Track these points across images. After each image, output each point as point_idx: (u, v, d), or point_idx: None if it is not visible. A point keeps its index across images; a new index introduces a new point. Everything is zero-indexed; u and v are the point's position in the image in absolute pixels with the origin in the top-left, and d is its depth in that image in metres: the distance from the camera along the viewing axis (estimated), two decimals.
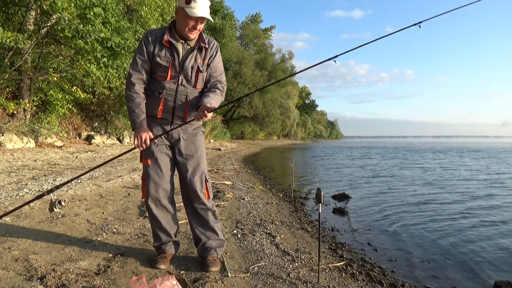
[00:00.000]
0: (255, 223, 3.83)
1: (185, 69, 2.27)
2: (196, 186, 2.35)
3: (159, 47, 2.25)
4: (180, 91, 2.29)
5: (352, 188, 7.96)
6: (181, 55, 2.27)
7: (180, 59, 2.26)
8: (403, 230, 4.46)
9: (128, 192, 5.10)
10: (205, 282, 2.18)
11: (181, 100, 2.30)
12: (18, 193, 4.53)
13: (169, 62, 2.25)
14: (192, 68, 2.29)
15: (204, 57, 2.33)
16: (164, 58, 2.25)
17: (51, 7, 8.61)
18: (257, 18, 45.92)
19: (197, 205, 2.39)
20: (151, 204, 2.36)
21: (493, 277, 2.97)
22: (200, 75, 2.32)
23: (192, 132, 2.40)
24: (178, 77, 2.27)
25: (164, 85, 2.27)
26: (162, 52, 2.25)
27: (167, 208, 2.40)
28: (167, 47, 2.25)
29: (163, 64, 2.25)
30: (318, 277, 2.41)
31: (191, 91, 2.32)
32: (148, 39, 2.26)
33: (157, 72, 2.27)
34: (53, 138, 11.82)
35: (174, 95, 2.28)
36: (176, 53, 2.26)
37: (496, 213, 5.53)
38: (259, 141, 45.40)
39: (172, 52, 2.26)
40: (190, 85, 2.31)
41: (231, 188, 6.20)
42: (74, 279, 2.15)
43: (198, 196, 2.37)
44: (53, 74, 10.88)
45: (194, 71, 2.29)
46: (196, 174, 2.36)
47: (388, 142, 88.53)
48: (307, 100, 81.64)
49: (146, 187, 2.34)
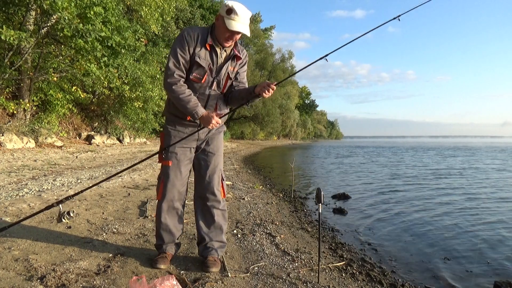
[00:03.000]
0: (255, 223, 3.83)
1: (220, 75, 2.28)
2: (214, 183, 2.38)
3: (200, 47, 2.19)
4: (212, 95, 2.30)
5: (352, 188, 7.96)
6: (219, 61, 2.26)
7: (218, 64, 2.26)
8: (403, 230, 4.46)
9: (128, 192, 5.10)
10: (205, 282, 2.18)
11: (212, 105, 2.32)
12: (18, 193, 4.53)
13: (208, 65, 2.23)
14: (225, 75, 2.30)
15: (235, 65, 2.34)
16: (204, 60, 2.21)
17: (51, 7, 8.60)
18: (257, 18, 45.91)
19: (211, 202, 2.40)
20: (164, 205, 2.36)
21: (493, 277, 2.97)
22: (229, 82, 2.35)
23: (216, 132, 2.43)
24: (212, 81, 2.27)
25: (196, 87, 2.25)
26: (202, 53, 2.20)
27: (177, 210, 2.41)
28: (208, 50, 2.22)
29: (203, 65, 2.21)
30: (318, 277, 2.41)
31: (220, 96, 2.35)
32: (190, 35, 2.18)
33: (193, 72, 2.22)
34: (53, 138, 11.82)
35: (205, 99, 2.29)
36: (216, 57, 2.24)
37: (496, 213, 5.53)
38: (259, 141, 45.42)
39: (212, 56, 2.23)
40: (219, 90, 2.34)
41: (231, 188, 6.20)
42: (74, 279, 2.15)
43: (214, 194, 2.38)
44: (53, 74, 10.88)
45: (225, 78, 2.31)
46: (215, 172, 2.39)
47: (387, 142, 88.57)
48: (307, 100, 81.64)
49: (163, 188, 2.33)
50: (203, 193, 2.41)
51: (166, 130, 2.37)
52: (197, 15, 28.30)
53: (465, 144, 59.81)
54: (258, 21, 46.01)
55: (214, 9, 33.48)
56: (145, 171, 7.51)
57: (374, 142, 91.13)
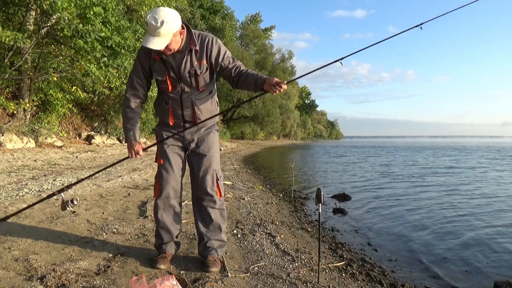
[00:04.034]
0: (255, 223, 3.83)
1: (183, 77, 2.26)
2: (207, 184, 2.37)
3: (152, 61, 2.28)
4: (184, 98, 2.31)
5: (352, 188, 7.96)
6: (175, 64, 2.25)
7: (175, 68, 2.25)
8: (403, 230, 4.46)
9: (128, 192, 5.10)
10: (205, 282, 2.18)
11: (188, 106, 2.32)
12: (18, 193, 4.53)
13: (165, 74, 2.26)
14: (190, 74, 2.26)
15: (200, 58, 2.26)
16: (160, 71, 2.27)
17: (51, 7, 8.61)
18: (257, 18, 45.93)
19: (206, 202, 2.41)
20: (159, 203, 2.38)
21: (493, 277, 2.97)
22: (200, 78, 2.29)
23: (205, 132, 2.42)
24: (178, 86, 2.28)
25: (169, 95, 2.32)
26: (156, 66, 2.28)
27: (174, 208, 2.42)
28: (159, 61, 2.26)
29: (160, 78, 2.29)
30: (318, 277, 2.41)
31: (196, 95, 2.33)
32: (142, 55, 2.29)
33: (160, 85, 2.34)
34: (53, 138, 11.82)
35: (179, 103, 2.32)
36: (168, 64, 2.24)
37: (496, 213, 5.53)
38: (259, 141, 45.41)
39: (164, 64, 2.25)
40: (194, 90, 2.32)
41: (231, 188, 6.20)
42: (74, 279, 2.15)
43: (209, 194, 2.38)
44: (53, 74, 10.88)
45: (192, 76, 2.27)
46: (208, 172, 2.38)
47: (387, 142, 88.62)
48: (307, 100, 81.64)
49: (159, 186, 2.37)
50: (198, 194, 2.42)
51: (157, 132, 2.49)
52: (197, 15, 28.31)
53: (463, 144, 59.85)
54: (258, 21, 46.05)
55: (214, 9, 33.49)
56: (145, 171, 7.51)
57: (374, 142, 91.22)
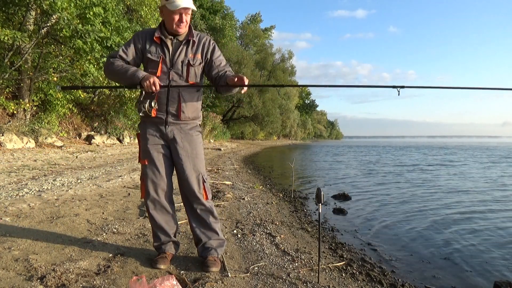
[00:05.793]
0: (255, 223, 3.83)
1: (176, 65, 2.29)
2: (194, 187, 2.34)
3: (149, 44, 2.30)
4: (172, 90, 2.28)
5: (352, 188, 7.95)
6: (171, 51, 2.29)
7: (170, 54, 2.29)
8: (403, 230, 4.46)
9: (128, 192, 5.10)
10: (205, 282, 2.18)
11: (174, 96, 2.29)
12: (18, 193, 4.53)
13: (160, 57, 2.28)
14: (183, 63, 2.30)
15: (195, 51, 2.34)
16: (155, 54, 2.29)
17: (50, 7, 8.62)
18: (257, 18, 45.93)
19: (196, 205, 2.39)
20: (149, 204, 2.37)
21: (493, 277, 2.97)
22: (192, 69, 2.32)
23: (189, 132, 2.38)
24: (168, 73, 2.28)
25: None
26: (152, 48, 2.30)
27: (165, 208, 2.40)
28: (158, 44, 2.30)
29: (154, 59, 2.28)
30: (318, 277, 2.40)
31: (184, 88, 2.31)
32: (138, 37, 2.34)
33: (148, 69, 2.31)
34: (53, 138, 11.82)
35: (166, 91, 2.27)
36: (166, 49, 2.29)
37: (496, 213, 5.53)
38: (259, 141, 45.40)
39: (162, 48, 2.29)
40: (183, 80, 2.31)
41: (231, 188, 6.20)
42: (74, 279, 2.15)
43: (197, 197, 2.36)
44: (53, 74, 10.88)
45: (185, 66, 2.30)
46: (192, 175, 2.35)
47: (387, 142, 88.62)
48: (307, 100, 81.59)
49: (145, 187, 2.35)
50: (187, 196, 2.41)
51: (139, 131, 2.43)
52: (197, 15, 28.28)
53: (461, 144, 59.89)
54: (258, 21, 46.04)
55: (214, 9, 33.46)
56: None
57: (374, 142, 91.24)
